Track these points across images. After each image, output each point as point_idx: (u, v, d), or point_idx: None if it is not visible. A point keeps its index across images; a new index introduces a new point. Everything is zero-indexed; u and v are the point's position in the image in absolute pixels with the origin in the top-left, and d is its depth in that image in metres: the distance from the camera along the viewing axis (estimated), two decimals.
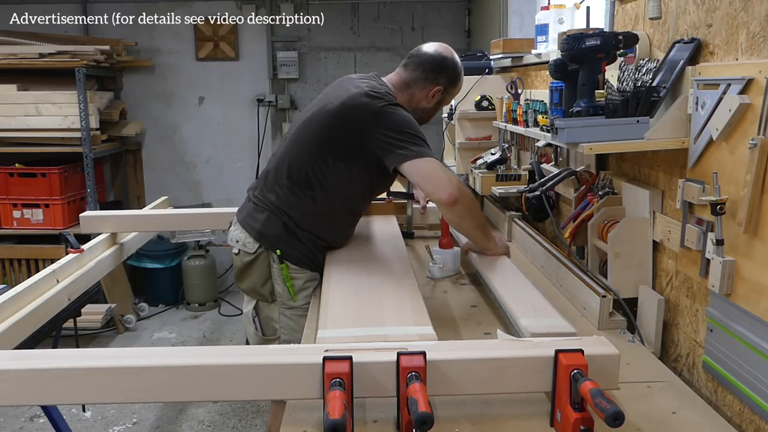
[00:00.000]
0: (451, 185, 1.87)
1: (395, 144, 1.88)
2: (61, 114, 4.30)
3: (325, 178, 2.01)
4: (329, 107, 1.99)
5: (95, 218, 2.90)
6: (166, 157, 5.26)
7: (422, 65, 2.09)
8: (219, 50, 5.10)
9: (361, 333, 1.47)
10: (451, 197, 1.86)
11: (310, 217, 2.06)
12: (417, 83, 2.09)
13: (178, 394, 1.30)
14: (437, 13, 5.11)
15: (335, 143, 1.98)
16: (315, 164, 2.00)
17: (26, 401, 1.29)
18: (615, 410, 1.03)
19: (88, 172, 4.35)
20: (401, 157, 1.88)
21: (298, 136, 2.07)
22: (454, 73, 2.14)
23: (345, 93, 1.98)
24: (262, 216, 2.07)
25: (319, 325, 1.55)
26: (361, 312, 1.61)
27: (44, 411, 2.20)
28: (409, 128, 1.92)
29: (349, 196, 2.09)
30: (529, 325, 1.49)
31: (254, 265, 2.10)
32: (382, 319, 1.57)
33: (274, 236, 2.06)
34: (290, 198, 2.04)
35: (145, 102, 5.15)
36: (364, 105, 1.92)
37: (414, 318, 1.56)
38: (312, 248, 2.09)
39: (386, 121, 1.91)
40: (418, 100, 2.11)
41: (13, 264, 4.51)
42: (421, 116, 2.13)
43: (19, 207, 4.44)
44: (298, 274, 2.08)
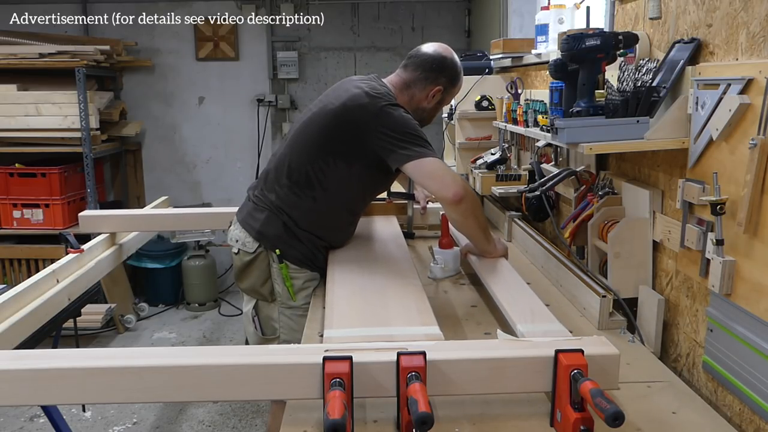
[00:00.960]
0: (456, 184, 1.87)
1: (397, 144, 1.89)
2: (61, 114, 4.30)
3: (326, 178, 2.01)
4: (330, 107, 2.00)
5: (94, 218, 2.90)
6: (166, 157, 5.26)
7: (422, 65, 2.09)
8: (219, 50, 5.10)
9: (368, 333, 1.47)
10: (457, 196, 1.86)
11: (311, 217, 2.06)
12: (417, 83, 2.09)
13: (178, 394, 1.30)
14: (437, 13, 5.10)
15: (336, 143, 1.99)
16: (315, 164, 2.01)
17: (26, 401, 1.29)
18: (615, 410, 1.03)
19: (88, 172, 4.35)
20: (404, 157, 1.88)
21: (299, 136, 2.07)
22: (454, 72, 2.14)
23: (345, 93, 1.99)
24: (262, 215, 2.07)
25: (325, 325, 1.55)
26: (366, 312, 1.61)
27: (44, 411, 2.20)
28: (409, 128, 1.92)
29: (349, 195, 2.09)
30: (526, 331, 1.49)
31: (254, 264, 2.10)
32: (387, 319, 1.57)
33: (273, 236, 2.06)
34: (290, 198, 2.04)
35: (145, 102, 5.15)
36: (365, 105, 1.93)
37: (420, 318, 1.57)
38: (312, 248, 2.09)
39: (387, 120, 1.91)
40: (419, 100, 2.11)
41: (13, 264, 4.51)
42: (421, 117, 2.13)
43: (19, 207, 4.43)
44: (298, 274, 2.09)
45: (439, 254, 2.23)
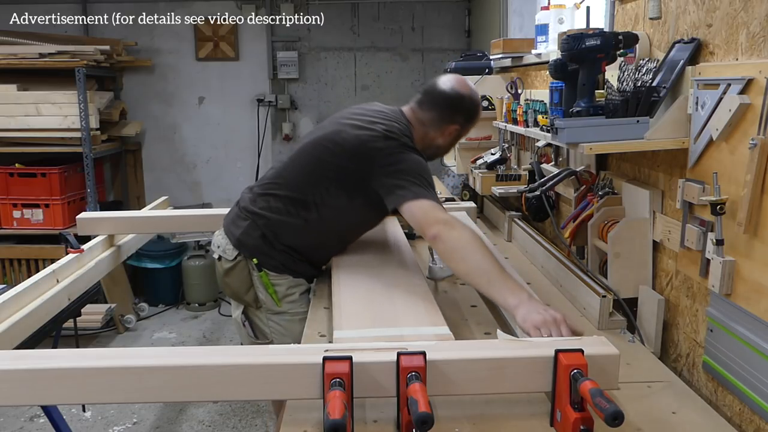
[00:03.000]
0: (437, 223, 1.71)
1: (398, 185, 1.82)
2: (61, 114, 4.30)
3: (323, 204, 1.96)
4: (345, 136, 1.93)
5: (93, 220, 2.89)
6: (166, 157, 5.26)
7: (438, 105, 2.01)
8: (219, 50, 5.10)
9: (377, 333, 1.48)
10: (433, 235, 1.71)
11: (295, 236, 2.01)
12: (433, 123, 2.02)
13: (178, 394, 1.30)
14: (437, 13, 5.10)
15: (342, 173, 1.93)
16: (317, 187, 1.96)
17: (26, 401, 1.29)
18: (615, 410, 1.03)
19: (88, 172, 4.35)
20: (401, 198, 1.80)
21: (305, 155, 2.01)
22: (472, 110, 2.06)
23: (364, 131, 1.91)
24: (244, 224, 2.04)
25: (334, 326, 1.55)
26: (375, 313, 1.61)
27: (44, 411, 2.20)
28: (415, 172, 1.85)
29: (342, 225, 2.05)
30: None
31: (234, 272, 2.07)
32: (396, 319, 1.57)
33: (252, 245, 2.03)
34: (281, 212, 1.99)
35: (145, 102, 5.15)
36: (380, 148, 1.87)
37: (429, 318, 1.57)
38: (289, 260, 2.04)
39: (396, 163, 1.85)
40: (433, 137, 2.04)
41: (13, 264, 4.51)
42: (435, 152, 2.10)
43: (19, 207, 4.43)
44: (280, 281, 2.05)
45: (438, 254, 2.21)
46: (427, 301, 1.69)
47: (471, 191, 3.12)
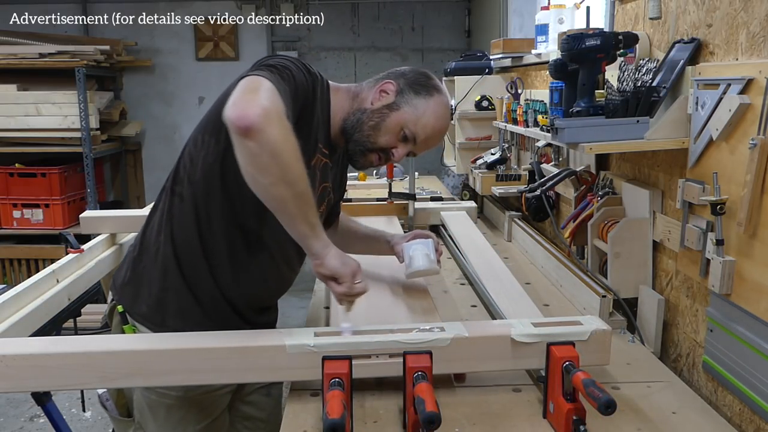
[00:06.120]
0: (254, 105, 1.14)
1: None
2: (61, 114, 4.30)
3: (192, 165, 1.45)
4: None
5: (95, 219, 2.89)
6: (166, 157, 5.25)
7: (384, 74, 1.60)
8: (219, 50, 5.10)
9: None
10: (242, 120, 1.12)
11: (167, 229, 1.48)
12: (369, 84, 1.59)
13: (176, 378, 1.32)
14: (437, 13, 5.11)
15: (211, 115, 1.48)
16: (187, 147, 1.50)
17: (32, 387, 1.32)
18: (607, 398, 1.06)
19: (88, 172, 4.35)
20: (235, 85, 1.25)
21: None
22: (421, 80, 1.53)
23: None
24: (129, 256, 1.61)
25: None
26: (372, 312, 1.61)
27: (44, 411, 2.20)
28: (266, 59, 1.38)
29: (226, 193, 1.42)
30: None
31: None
32: (394, 319, 1.57)
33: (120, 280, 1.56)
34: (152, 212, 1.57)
35: (145, 102, 5.15)
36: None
37: (425, 318, 1.58)
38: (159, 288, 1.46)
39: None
40: (363, 99, 1.54)
41: (13, 264, 4.51)
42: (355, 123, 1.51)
43: (19, 207, 4.44)
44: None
45: (407, 249, 1.82)
46: (425, 301, 1.70)
47: (471, 191, 3.12)
